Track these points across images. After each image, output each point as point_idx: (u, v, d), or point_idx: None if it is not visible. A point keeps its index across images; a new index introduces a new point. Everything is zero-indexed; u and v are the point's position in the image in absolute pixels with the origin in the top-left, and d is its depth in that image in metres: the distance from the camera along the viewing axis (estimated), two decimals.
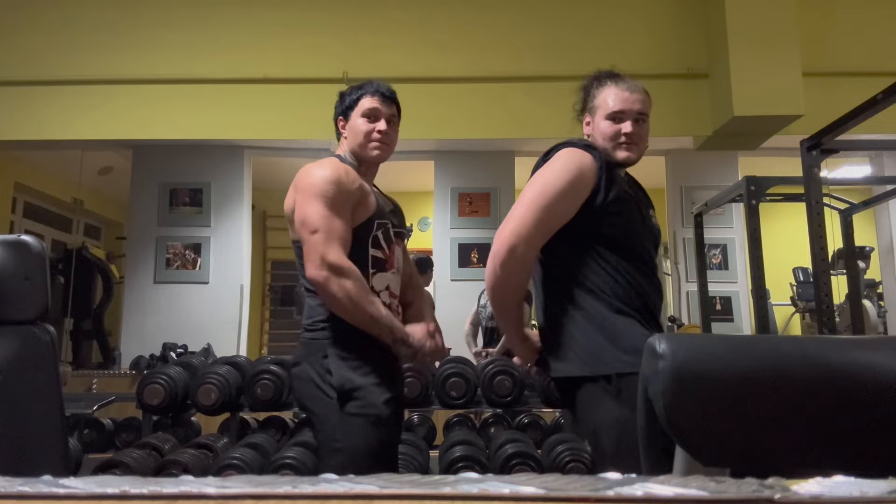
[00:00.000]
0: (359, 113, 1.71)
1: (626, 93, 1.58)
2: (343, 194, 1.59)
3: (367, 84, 1.75)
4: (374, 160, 1.73)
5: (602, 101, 1.60)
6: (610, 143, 1.57)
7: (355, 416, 1.55)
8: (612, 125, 1.57)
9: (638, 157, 1.60)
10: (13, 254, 1.00)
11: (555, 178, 1.49)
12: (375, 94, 1.72)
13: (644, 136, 1.60)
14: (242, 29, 4.55)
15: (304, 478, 0.41)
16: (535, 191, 1.49)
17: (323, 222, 1.55)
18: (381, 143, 1.71)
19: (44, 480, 0.40)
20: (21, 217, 6.29)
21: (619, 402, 1.40)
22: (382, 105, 1.72)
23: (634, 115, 1.57)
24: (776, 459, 0.69)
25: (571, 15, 4.57)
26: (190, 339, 4.84)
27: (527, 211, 1.47)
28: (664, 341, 0.72)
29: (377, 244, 1.66)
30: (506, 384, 2.75)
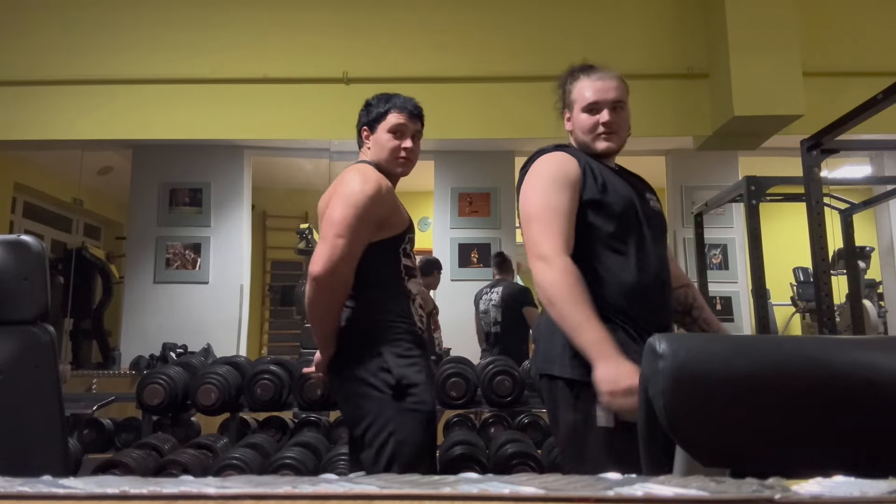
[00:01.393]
0: (385, 128, 1.76)
1: (599, 82, 1.57)
2: (376, 213, 1.65)
3: (394, 98, 1.79)
4: (398, 175, 1.80)
5: (578, 95, 1.60)
6: (589, 136, 1.57)
7: (410, 412, 1.62)
8: (589, 117, 1.57)
9: (619, 145, 1.59)
10: (13, 254, 1.00)
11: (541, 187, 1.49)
12: (403, 110, 1.76)
13: (623, 123, 1.59)
14: (242, 29, 4.55)
15: (303, 478, 0.41)
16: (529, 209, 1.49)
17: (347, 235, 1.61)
18: (406, 160, 1.77)
19: (44, 480, 0.40)
20: (21, 217, 6.29)
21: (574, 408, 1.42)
22: (409, 122, 1.77)
23: (610, 103, 1.56)
24: (776, 459, 0.69)
25: (571, 15, 4.57)
26: (190, 339, 4.84)
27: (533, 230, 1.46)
28: (664, 341, 0.72)
29: (407, 254, 1.75)
30: (506, 384, 2.74)
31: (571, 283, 1.38)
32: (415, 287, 1.76)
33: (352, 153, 1.99)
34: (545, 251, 1.41)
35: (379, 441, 1.62)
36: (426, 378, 1.68)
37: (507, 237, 5.29)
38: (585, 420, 1.41)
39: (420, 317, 1.76)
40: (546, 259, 1.41)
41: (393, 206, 1.72)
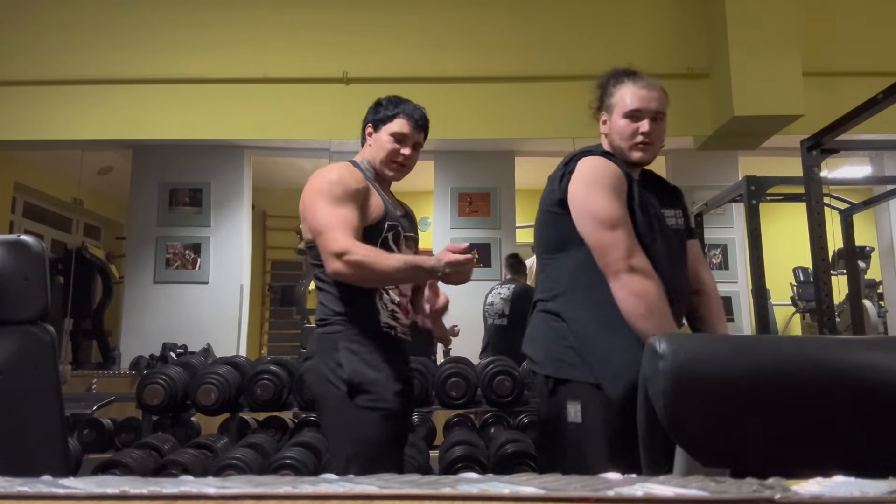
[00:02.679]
0: (389, 130, 1.76)
1: (644, 90, 1.56)
2: (346, 191, 1.62)
3: (405, 104, 1.81)
4: (390, 179, 1.81)
5: (619, 99, 1.58)
6: (626, 143, 1.56)
7: (366, 410, 1.58)
8: (629, 123, 1.56)
9: (652, 157, 1.60)
10: (13, 254, 1.00)
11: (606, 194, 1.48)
12: (410, 118, 1.78)
13: (661, 135, 1.59)
14: (242, 29, 4.55)
15: (303, 478, 0.41)
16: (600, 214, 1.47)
17: (326, 219, 1.58)
18: (400, 165, 1.78)
19: (43, 480, 0.40)
20: (21, 217, 6.29)
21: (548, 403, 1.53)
22: (413, 131, 1.78)
23: (652, 113, 1.55)
24: (776, 459, 0.69)
25: (571, 15, 4.57)
26: (190, 339, 4.84)
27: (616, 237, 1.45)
28: (664, 342, 0.72)
29: (387, 245, 1.69)
30: (506, 384, 2.75)
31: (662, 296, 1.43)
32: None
33: (351, 153, 1.99)
34: (637, 263, 1.43)
35: (338, 439, 1.63)
36: (388, 375, 1.61)
37: (507, 237, 5.29)
38: (558, 415, 1.49)
39: (392, 311, 1.70)
40: (645, 272, 1.43)
41: (365, 190, 1.68)
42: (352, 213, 1.60)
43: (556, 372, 1.50)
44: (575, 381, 1.47)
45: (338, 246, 1.53)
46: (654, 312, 1.40)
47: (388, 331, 1.69)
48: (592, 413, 1.44)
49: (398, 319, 1.72)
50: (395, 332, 1.71)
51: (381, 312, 1.68)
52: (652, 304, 1.40)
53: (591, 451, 1.44)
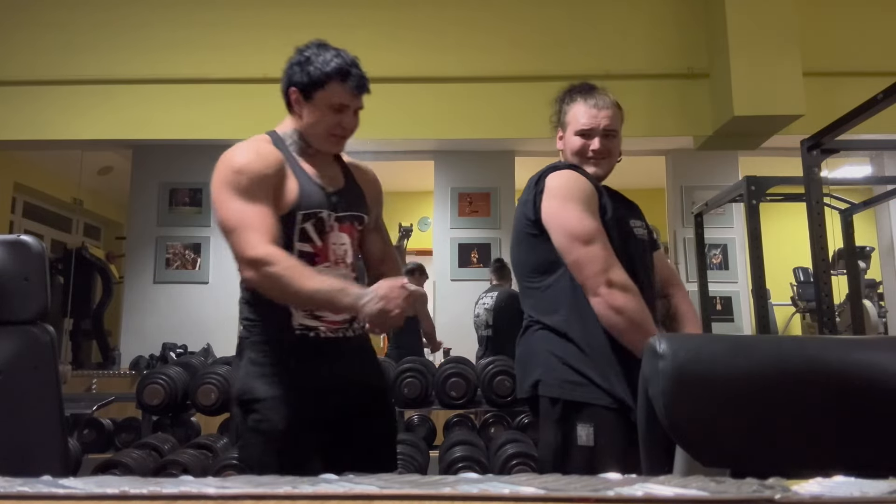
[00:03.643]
0: (324, 101, 1.49)
1: (594, 109, 1.58)
2: (253, 180, 1.39)
3: (336, 60, 1.50)
4: (326, 150, 1.55)
5: (572, 118, 1.61)
6: (579, 159, 1.60)
7: (252, 431, 1.42)
8: (581, 141, 1.59)
9: (606, 172, 1.62)
10: (13, 254, 1.00)
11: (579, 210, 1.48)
12: (346, 84, 1.48)
13: (614, 150, 1.61)
14: (242, 29, 4.55)
15: (303, 478, 0.41)
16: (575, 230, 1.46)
17: (237, 217, 1.37)
18: (341, 138, 1.54)
19: (43, 480, 0.40)
20: (21, 217, 6.29)
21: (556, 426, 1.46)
22: (353, 97, 1.51)
23: (602, 131, 1.58)
24: (776, 459, 0.69)
25: (572, 15, 4.57)
26: (190, 339, 4.84)
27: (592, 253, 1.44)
28: (664, 341, 0.72)
29: (305, 237, 1.45)
30: (506, 384, 2.75)
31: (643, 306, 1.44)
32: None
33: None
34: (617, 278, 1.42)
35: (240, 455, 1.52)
36: (282, 392, 1.40)
37: (507, 237, 5.27)
38: (564, 438, 1.44)
39: (310, 310, 1.44)
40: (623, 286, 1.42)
41: (277, 173, 1.43)
42: (265, 209, 1.38)
43: (565, 394, 1.45)
44: (586, 402, 1.44)
45: (254, 252, 1.34)
46: (637, 325, 1.40)
47: (303, 333, 1.45)
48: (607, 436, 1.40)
49: (321, 318, 1.46)
50: (317, 334, 1.45)
51: (293, 314, 1.45)
52: (633, 317, 1.41)
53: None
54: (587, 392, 1.44)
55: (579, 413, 1.44)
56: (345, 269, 1.51)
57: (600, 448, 1.41)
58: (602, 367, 1.44)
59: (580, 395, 1.44)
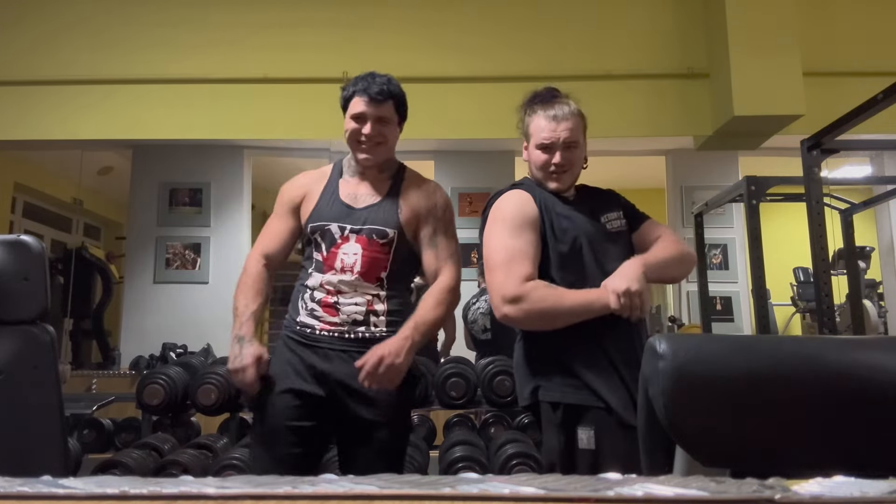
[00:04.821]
0: (349, 114, 1.71)
1: (553, 123, 1.56)
2: (282, 202, 1.80)
3: (361, 81, 1.70)
4: (366, 163, 1.72)
5: (534, 130, 1.60)
6: (542, 173, 1.60)
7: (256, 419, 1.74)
8: (541, 154, 1.58)
9: (569, 184, 1.62)
10: (13, 254, 1.00)
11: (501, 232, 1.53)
12: (364, 94, 1.68)
13: (576, 161, 1.60)
14: (242, 29, 4.55)
15: (303, 478, 0.41)
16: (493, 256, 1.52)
17: (264, 227, 1.82)
18: (368, 145, 1.70)
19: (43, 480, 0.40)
20: (21, 217, 6.29)
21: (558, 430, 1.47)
22: (371, 106, 1.67)
23: (562, 144, 1.56)
24: (776, 459, 0.69)
25: (572, 15, 4.57)
26: (190, 339, 4.83)
27: (497, 277, 1.49)
28: (664, 341, 0.72)
29: (318, 247, 1.70)
30: (506, 384, 2.74)
31: (548, 293, 1.45)
32: (317, 280, 1.66)
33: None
34: (508, 292, 1.45)
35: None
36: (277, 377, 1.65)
37: None
38: (566, 441, 1.45)
39: (311, 310, 1.65)
40: (515, 299, 1.44)
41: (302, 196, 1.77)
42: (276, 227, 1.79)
43: (559, 397, 1.47)
44: (586, 405, 1.45)
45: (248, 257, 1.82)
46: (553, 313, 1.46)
47: (302, 329, 1.67)
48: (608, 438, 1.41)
49: (320, 318, 1.65)
50: (314, 331, 1.64)
51: (300, 312, 1.69)
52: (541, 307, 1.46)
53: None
54: (586, 396, 1.45)
55: (580, 417, 1.45)
56: (352, 275, 1.65)
57: (602, 451, 1.41)
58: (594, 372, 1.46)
59: (579, 399, 1.45)
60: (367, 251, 1.65)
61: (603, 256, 1.53)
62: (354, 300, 1.63)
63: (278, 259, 1.79)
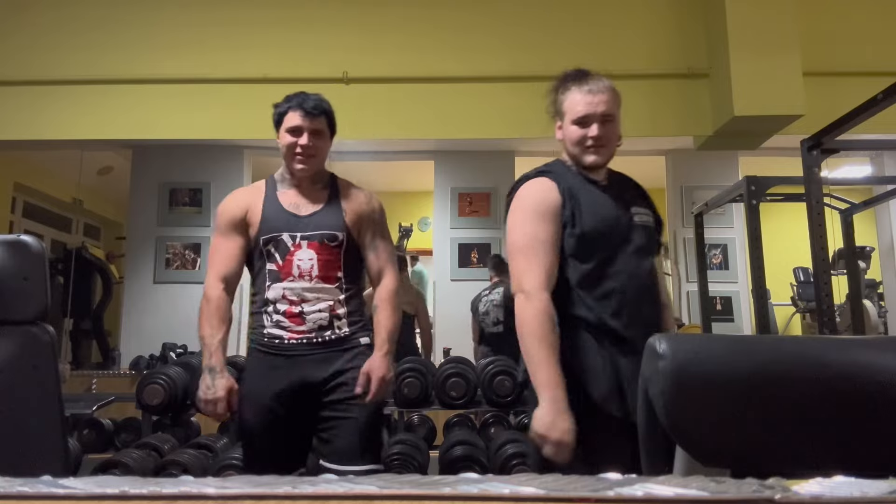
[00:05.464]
0: (284, 128, 1.82)
1: (590, 96, 1.56)
2: (223, 220, 1.83)
3: (295, 97, 1.81)
4: (301, 173, 1.82)
5: (568, 107, 1.60)
6: (578, 148, 1.58)
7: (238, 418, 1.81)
8: (578, 130, 1.57)
9: (607, 158, 1.60)
10: (13, 254, 1.00)
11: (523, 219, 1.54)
12: (298, 108, 1.78)
13: (612, 136, 1.59)
14: (242, 29, 4.55)
15: (303, 478, 0.41)
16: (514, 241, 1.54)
17: (211, 251, 1.85)
18: (302, 157, 1.80)
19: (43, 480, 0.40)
20: (21, 217, 6.29)
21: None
22: (305, 120, 1.78)
23: (599, 117, 1.56)
24: (776, 459, 0.69)
25: (571, 15, 4.57)
26: (190, 339, 4.83)
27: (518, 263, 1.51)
28: (664, 341, 0.72)
29: (271, 258, 1.77)
30: (506, 384, 2.75)
31: (542, 322, 1.44)
32: (278, 291, 1.75)
33: (351, 153, 2.01)
34: (527, 286, 1.47)
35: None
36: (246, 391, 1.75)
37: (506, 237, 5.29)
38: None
39: (277, 322, 1.75)
40: (527, 295, 1.46)
41: (244, 212, 1.82)
42: (225, 248, 1.81)
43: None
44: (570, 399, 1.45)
45: (205, 284, 1.85)
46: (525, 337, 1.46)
47: (270, 341, 1.76)
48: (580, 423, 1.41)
49: (287, 328, 1.74)
50: (283, 341, 1.74)
51: (266, 325, 1.78)
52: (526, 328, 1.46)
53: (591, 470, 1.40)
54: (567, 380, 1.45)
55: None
56: (310, 280, 1.75)
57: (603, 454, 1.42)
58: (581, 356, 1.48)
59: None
60: (321, 255, 1.76)
61: (622, 246, 1.54)
62: (318, 307, 1.74)
63: (234, 280, 1.84)
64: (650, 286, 1.58)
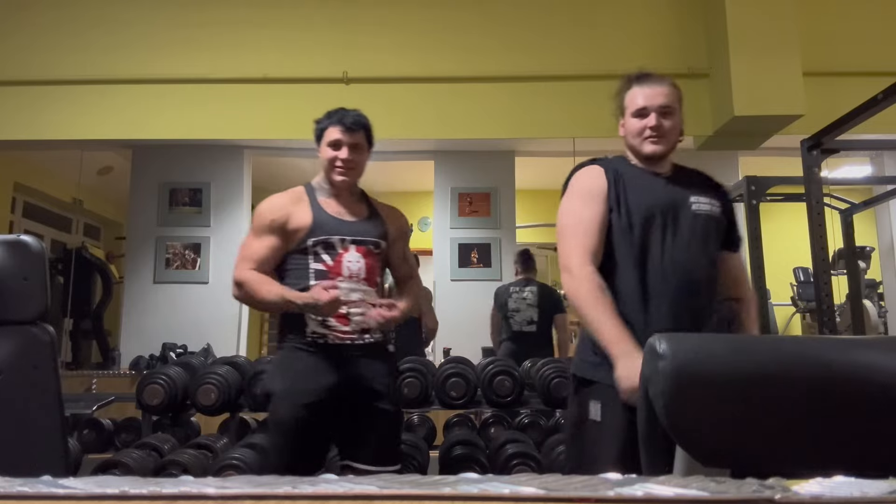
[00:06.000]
0: (325, 141, 1.93)
1: (648, 89, 1.65)
2: (262, 224, 1.89)
3: (336, 113, 1.95)
4: (341, 185, 1.93)
5: (629, 101, 1.68)
6: (637, 139, 1.66)
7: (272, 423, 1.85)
8: (638, 121, 1.65)
9: (666, 148, 1.66)
10: (13, 254, 1.00)
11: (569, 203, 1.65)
12: (339, 124, 1.91)
13: (673, 128, 1.65)
14: (242, 29, 4.54)
15: (303, 478, 0.41)
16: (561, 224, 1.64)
17: (242, 248, 1.92)
18: (342, 169, 1.91)
19: (43, 480, 0.40)
20: (21, 217, 6.29)
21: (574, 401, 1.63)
22: (345, 134, 1.90)
23: (657, 108, 1.63)
24: (776, 459, 0.69)
25: (571, 15, 4.57)
26: (190, 339, 4.83)
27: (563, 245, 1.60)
28: (664, 341, 0.72)
29: (318, 258, 1.86)
30: (506, 384, 2.75)
31: (592, 288, 1.52)
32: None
33: None
34: (570, 264, 1.56)
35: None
36: (292, 387, 1.79)
37: (507, 237, 5.29)
38: (580, 412, 1.58)
39: (321, 320, 1.82)
40: (570, 271, 1.56)
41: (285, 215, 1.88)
42: (257, 246, 1.87)
43: (581, 371, 1.61)
44: (596, 381, 1.55)
45: (235, 275, 1.86)
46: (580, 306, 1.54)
47: (313, 338, 1.83)
48: (611, 413, 1.49)
49: (332, 327, 1.83)
50: (327, 340, 1.83)
51: (308, 324, 1.84)
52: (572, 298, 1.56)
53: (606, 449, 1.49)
54: (598, 371, 1.54)
55: (591, 389, 1.57)
56: (357, 282, 1.86)
57: (605, 423, 1.51)
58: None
59: (590, 374, 1.57)
60: (367, 259, 1.89)
61: (673, 234, 1.58)
62: (362, 309, 1.85)
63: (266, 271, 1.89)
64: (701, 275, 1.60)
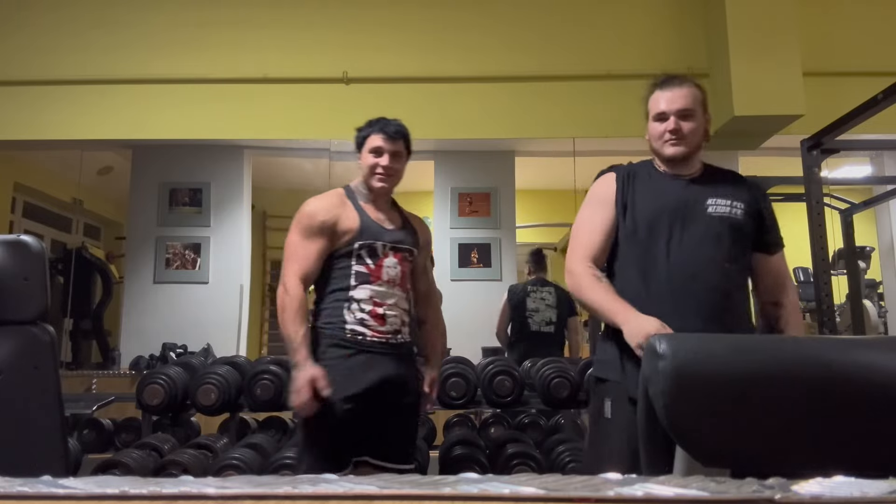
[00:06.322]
0: (367, 148, 1.97)
1: (669, 93, 1.67)
2: (313, 224, 1.91)
3: (378, 122, 1.98)
4: (380, 191, 1.98)
5: (651, 106, 1.71)
6: (659, 142, 1.69)
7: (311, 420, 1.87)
8: (658, 125, 1.68)
9: (688, 150, 1.68)
10: (13, 254, 1.00)
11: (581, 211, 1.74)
12: (382, 132, 1.95)
13: (693, 130, 1.67)
14: (242, 28, 4.54)
15: (303, 477, 0.41)
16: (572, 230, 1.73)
17: (291, 249, 1.92)
18: (383, 175, 1.96)
19: (43, 480, 0.40)
20: (21, 217, 6.28)
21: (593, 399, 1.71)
22: (387, 142, 1.95)
23: (675, 112, 1.65)
24: (776, 459, 0.69)
25: (571, 15, 4.57)
26: (190, 339, 4.83)
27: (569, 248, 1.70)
28: (664, 341, 0.72)
29: (361, 260, 1.91)
30: (506, 384, 2.75)
31: (590, 277, 1.61)
32: (366, 292, 1.89)
33: (352, 153, 2.02)
34: (571, 265, 1.65)
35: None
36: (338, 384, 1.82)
37: (507, 237, 5.29)
38: (597, 410, 1.65)
39: (361, 319, 1.87)
40: (571, 270, 1.65)
41: (334, 217, 1.91)
42: (308, 250, 1.90)
43: (595, 371, 1.69)
44: (609, 380, 1.61)
45: (286, 280, 1.88)
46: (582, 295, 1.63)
47: (353, 336, 1.88)
48: (620, 409, 1.54)
49: (370, 326, 1.89)
50: (365, 338, 1.88)
51: (347, 320, 1.89)
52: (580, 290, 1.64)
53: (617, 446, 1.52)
54: (608, 369, 1.61)
55: (604, 388, 1.62)
56: (394, 286, 1.93)
57: (615, 421, 1.56)
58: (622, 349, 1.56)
59: (602, 372, 1.64)
60: (402, 266, 1.96)
61: (681, 236, 1.60)
62: (395, 312, 1.93)
63: (313, 279, 1.94)
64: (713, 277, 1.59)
